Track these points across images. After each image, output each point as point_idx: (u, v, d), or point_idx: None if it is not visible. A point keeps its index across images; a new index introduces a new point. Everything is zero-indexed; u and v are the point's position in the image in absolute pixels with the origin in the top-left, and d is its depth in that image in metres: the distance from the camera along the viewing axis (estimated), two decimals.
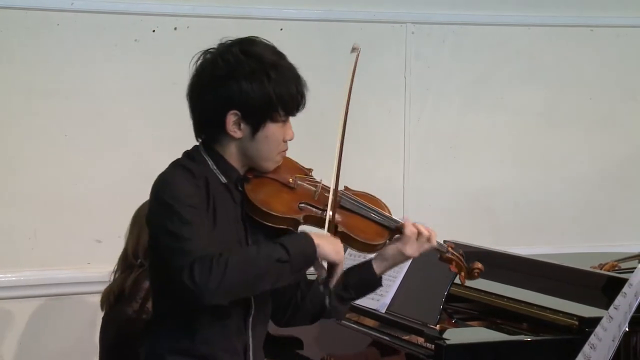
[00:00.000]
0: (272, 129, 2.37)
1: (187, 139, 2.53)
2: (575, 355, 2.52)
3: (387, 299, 3.10)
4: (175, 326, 2.36)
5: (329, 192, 2.42)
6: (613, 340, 2.41)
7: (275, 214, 2.37)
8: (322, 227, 2.41)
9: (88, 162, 3.98)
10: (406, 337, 2.98)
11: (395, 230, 2.47)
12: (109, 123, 3.99)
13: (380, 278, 2.51)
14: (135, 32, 4.02)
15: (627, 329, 2.43)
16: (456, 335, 2.86)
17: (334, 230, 2.43)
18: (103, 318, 3.31)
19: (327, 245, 2.32)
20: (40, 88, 3.90)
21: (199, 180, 2.34)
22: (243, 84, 2.33)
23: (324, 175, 2.49)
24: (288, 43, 4.19)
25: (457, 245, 3.42)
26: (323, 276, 2.34)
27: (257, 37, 2.43)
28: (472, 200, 4.54)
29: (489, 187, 4.55)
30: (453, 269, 2.55)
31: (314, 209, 2.40)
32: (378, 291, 3.11)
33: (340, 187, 2.51)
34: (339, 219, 2.44)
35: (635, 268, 2.52)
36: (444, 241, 2.57)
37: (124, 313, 3.18)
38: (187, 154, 2.42)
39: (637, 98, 4.77)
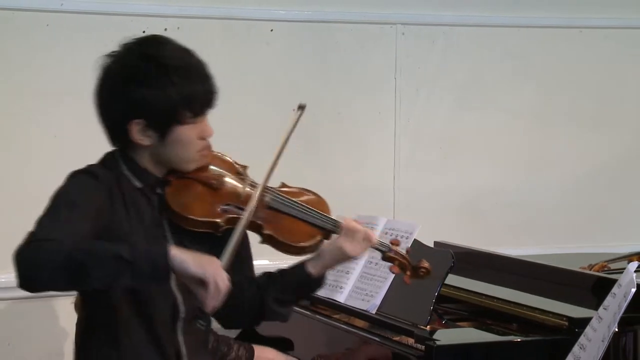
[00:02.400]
0: (181, 131, 2.28)
1: None
2: (565, 356, 2.52)
3: (378, 300, 3.10)
4: (100, 335, 2.31)
5: (256, 190, 2.32)
6: (602, 341, 2.42)
7: (193, 217, 2.28)
8: (246, 228, 2.31)
9: (78, 163, 3.94)
10: (396, 338, 2.99)
11: (330, 229, 2.39)
12: (99, 124, 3.98)
13: (320, 277, 2.40)
14: (125, 32, 3.93)
15: (616, 330, 2.44)
16: (446, 336, 2.86)
17: (258, 231, 2.33)
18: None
19: (189, 258, 2.11)
20: (29, 89, 3.89)
21: (102, 184, 2.28)
22: (143, 91, 2.25)
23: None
24: (278, 44, 4.26)
25: (446, 246, 3.46)
26: (201, 299, 2.14)
27: (160, 36, 2.36)
28: (462, 200, 4.54)
29: (479, 188, 4.56)
30: (394, 269, 2.46)
31: (238, 211, 2.31)
32: (368, 292, 3.13)
33: (277, 184, 2.42)
34: (265, 220, 2.33)
35: (624, 269, 2.52)
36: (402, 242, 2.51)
37: None
38: (101, 159, 2.37)
39: (626, 99, 4.79)
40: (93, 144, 3.95)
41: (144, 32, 4.02)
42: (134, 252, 2.10)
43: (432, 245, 3.40)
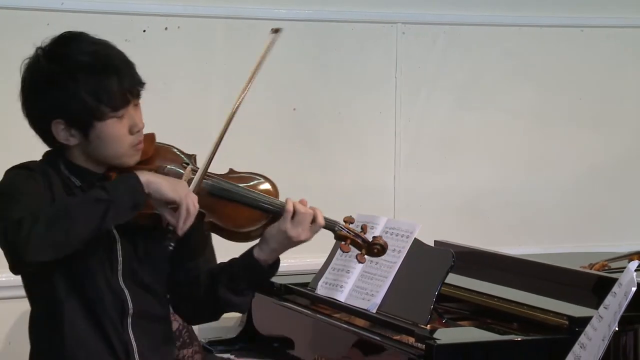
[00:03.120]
0: (105, 128, 2.25)
1: (178, 139, 2.53)
2: (566, 355, 2.52)
3: (378, 299, 3.10)
4: (47, 329, 2.30)
5: (195, 178, 2.28)
6: (603, 340, 2.42)
7: None
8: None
9: None
10: (397, 337, 2.99)
11: (275, 212, 2.33)
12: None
13: (271, 263, 2.37)
14: (125, 32, 4.01)
15: (616, 329, 2.43)
16: (447, 335, 2.86)
17: (200, 220, 2.29)
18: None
19: (163, 182, 2.17)
20: None
21: (37, 174, 2.27)
22: (54, 92, 2.24)
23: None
24: (279, 43, 4.24)
25: (447, 246, 3.45)
26: (172, 223, 2.20)
27: (73, 33, 2.33)
28: (462, 200, 4.54)
29: (479, 188, 4.56)
30: (344, 248, 2.39)
31: None
32: (369, 291, 3.13)
33: (224, 172, 2.39)
34: (206, 208, 2.29)
35: (625, 268, 2.52)
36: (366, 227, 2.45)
37: None
38: (41, 159, 2.36)
39: (627, 98, 4.78)
40: None
41: (144, 31, 4.04)
42: (109, 190, 2.13)
43: (432, 244, 3.40)
